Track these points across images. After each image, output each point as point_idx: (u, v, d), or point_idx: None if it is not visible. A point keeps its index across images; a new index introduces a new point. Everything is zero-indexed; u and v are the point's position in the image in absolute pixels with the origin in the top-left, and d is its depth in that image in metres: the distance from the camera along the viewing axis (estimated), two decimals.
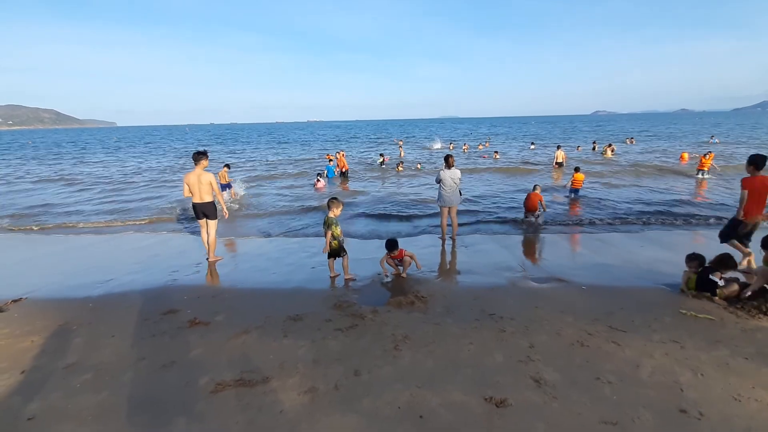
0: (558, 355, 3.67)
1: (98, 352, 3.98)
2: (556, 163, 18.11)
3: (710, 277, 4.77)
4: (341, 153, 18.74)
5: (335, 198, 5.67)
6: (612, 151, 22.95)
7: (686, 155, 20.36)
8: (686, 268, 5.08)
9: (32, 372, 3.66)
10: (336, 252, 5.69)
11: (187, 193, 6.49)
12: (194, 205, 6.55)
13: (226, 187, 13.08)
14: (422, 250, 7.08)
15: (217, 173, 12.49)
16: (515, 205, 10.90)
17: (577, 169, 11.92)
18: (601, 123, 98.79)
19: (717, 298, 4.71)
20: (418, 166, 19.35)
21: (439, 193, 7.52)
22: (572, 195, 11.73)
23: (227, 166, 13.77)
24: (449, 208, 7.57)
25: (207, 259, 6.74)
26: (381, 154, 21.57)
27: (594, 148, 26.42)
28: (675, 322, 4.26)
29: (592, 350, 3.75)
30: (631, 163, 19.34)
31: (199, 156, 6.48)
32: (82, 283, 5.93)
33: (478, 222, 9.21)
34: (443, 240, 7.74)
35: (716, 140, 32.02)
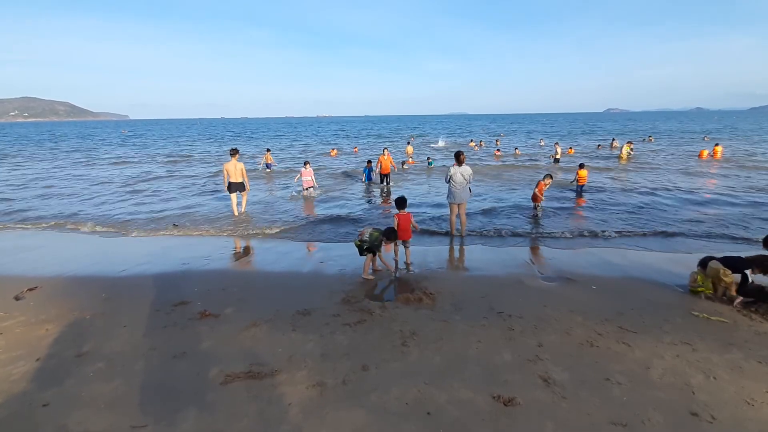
0: (567, 355, 3.64)
1: (111, 341, 4.05)
2: (554, 159, 19.20)
3: (747, 273, 4.68)
4: (387, 150, 14.08)
5: (394, 234, 5.66)
6: (630, 150, 20.98)
7: (705, 152, 20.66)
8: (695, 269, 5.00)
9: (47, 359, 3.74)
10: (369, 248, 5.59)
11: (225, 175, 9.44)
12: (230, 183, 9.44)
13: (270, 165, 18.22)
14: (430, 248, 7.09)
15: (263, 155, 18.90)
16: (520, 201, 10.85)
17: (581, 166, 12.30)
18: (628, 121, 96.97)
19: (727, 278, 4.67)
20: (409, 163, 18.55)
21: (450, 190, 7.49)
22: (578, 190, 12.18)
23: (268, 150, 19.60)
24: (459, 205, 7.54)
25: (237, 214, 9.50)
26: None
27: (612, 146, 26.27)
28: (686, 324, 4.21)
29: (602, 350, 3.72)
30: None
31: (234, 151, 9.77)
32: (96, 273, 6.03)
33: (492, 224, 9.13)
34: (452, 236, 7.72)
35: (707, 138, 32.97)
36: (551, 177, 9.37)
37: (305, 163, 12.51)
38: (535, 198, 9.26)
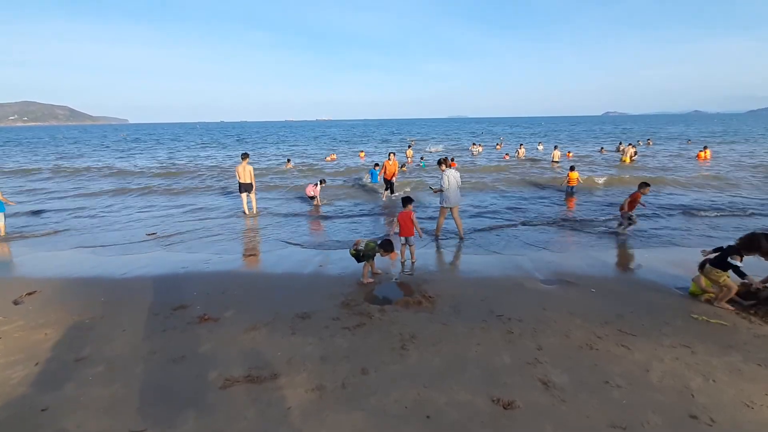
0: (566, 358, 3.65)
1: (110, 345, 4.05)
2: (553, 161, 20.22)
3: (729, 260, 4.47)
4: (393, 156, 12.88)
5: (391, 246, 5.54)
6: (634, 153, 20.84)
7: (702, 154, 21.53)
8: (697, 273, 5.00)
9: (46, 364, 3.73)
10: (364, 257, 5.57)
11: (238, 176, 10.49)
12: (240, 184, 10.48)
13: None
14: (429, 251, 7.09)
15: (285, 164, 21.43)
16: (517, 206, 10.90)
17: (572, 168, 12.58)
18: (628, 123, 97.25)
19: (725, 278, 4.52)
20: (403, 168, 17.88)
21: (444, 194, 7.50)
22: (568, 191, 12.49)
23: (289, 159, 22.39)
24: (452, 208, 7.57)
25: (248, 213, 10.47)
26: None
27: (619, 149, 26.27)
28: (686, 327, 4.21)
29: (601, 353, 3.72)
30: None
31: (244, 156, 10.91)
32: (95, 277, 6.02)
33: (491, 229, 9.15)
34: (437, 238, 7.77)
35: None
36: (648, 185, 7.93)
37: (321, 182, 12.08)
38: (631, 205, 7.93)
